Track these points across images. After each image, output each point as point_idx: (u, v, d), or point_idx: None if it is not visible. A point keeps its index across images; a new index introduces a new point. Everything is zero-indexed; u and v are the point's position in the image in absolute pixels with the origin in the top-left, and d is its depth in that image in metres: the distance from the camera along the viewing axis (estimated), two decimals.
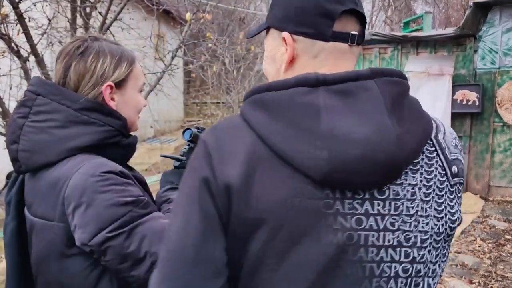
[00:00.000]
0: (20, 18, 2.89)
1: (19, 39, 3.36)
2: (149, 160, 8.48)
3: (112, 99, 1.16)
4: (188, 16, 3.37)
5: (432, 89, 6.59)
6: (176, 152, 10.62)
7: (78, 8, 3.17)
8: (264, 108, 0.76)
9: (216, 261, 0.74)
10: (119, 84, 1.17)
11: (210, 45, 4.92)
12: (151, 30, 4.12)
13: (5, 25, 3.33)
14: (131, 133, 1.26)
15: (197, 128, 1.43)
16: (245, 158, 0.74)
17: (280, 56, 0.88)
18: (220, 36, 7.49)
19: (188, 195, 0.76)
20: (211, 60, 5.12)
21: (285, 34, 0.85)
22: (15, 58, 3.39)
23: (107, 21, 3.55)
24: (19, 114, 1.10)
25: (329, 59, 0.85)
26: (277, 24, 0.88)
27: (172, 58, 4.03)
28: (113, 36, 3.72)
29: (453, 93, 6.54)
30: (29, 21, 3.81)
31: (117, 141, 1.15)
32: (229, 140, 0.76)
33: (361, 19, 0.86)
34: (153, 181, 6.96)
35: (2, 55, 3.48)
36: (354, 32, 0.84)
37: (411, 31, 9.10)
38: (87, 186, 1.00)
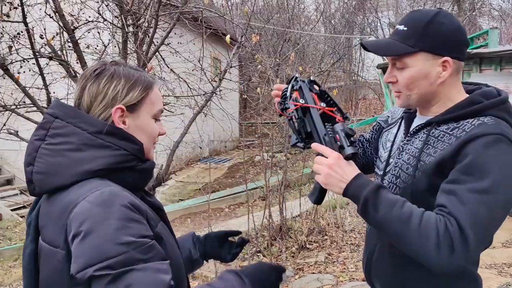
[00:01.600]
0: (75, 45, 3.06)
1: (76, 64, 3.57)
2: (202, 179, 8.61)
3: (124, 122, 1.15)
4: (228, 38, 3.40)
5: None
6: (229, 172, 10.72)
7: (126, 34, 3.30)
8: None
9: None
10: (132, 108, 1.15)
11: (259, 66, 4.94)
12: (201, 52, 4.21)
13: (64, 52, 3.55)
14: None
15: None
16: None
17: (435, 74, 1.30)
18: (273, 56, 7.53)
19: None
20: (261, 81, 5.13)
21: (448, 58, 1.28)
22: (73, 83, 3.59)
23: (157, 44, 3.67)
24: (36, 137, 1.10)
25: (460, 73, 1.36)
26: (435, 50, 1.28)
27: (220, 80, 4.08)
28: (163, 59, 3.83)
29: None
30: (88, 47, 4.05)
31: (132, 166, 1.12)
32: None
33: None
34: (202, 202, 7.04)
35: (60, 79, 3.69)
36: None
37: (476, 48, 8.64)
38: (89, 216, 0.96)
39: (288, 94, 1.40)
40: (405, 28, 1.32)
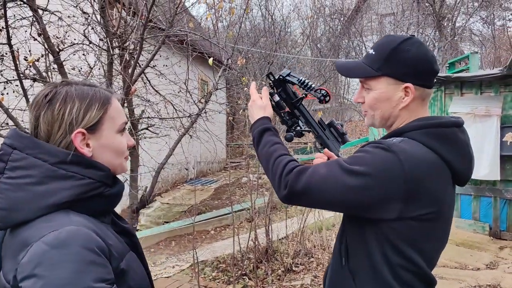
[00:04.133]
0: (60, 67, 3.06)
1: None
2: (188, 201, 8.54)
3: (87, 145, 1.10)
4: (210, 61, 3.44)
5: (479, 131, 6.28)
6: (215, 193, 10.66)
7: (111, 56, 3.32)
8: (442, 139, 1.30)
9: None
10: (92, 129, 1.10)
11: (245, 88, 4.99)
12: (187, 74, 4.24)
13: (49, 73, 3.55)
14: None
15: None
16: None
17: (398, 99, 1.35)
18: (259, 78, 7.59)
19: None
20: (247, 103, 5.17)
21: (409, 85, 1.32)
22: None
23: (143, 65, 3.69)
24: None
25: (427, 100, 1.39)
26: (397, 76, 1.33)
27: (206, 102, 4.10)
28: (149, 81, 3.85)
29: (503, 135, 6.18)
30: (73, 69, 4.05)
31: (99, 193, 1.07)
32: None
33: None
34: (188, 224, 6.96)
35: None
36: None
37: (457, 72, 8.84)
38: (44, 259, 0.89)
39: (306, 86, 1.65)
40: (374, 52, 1.38)
